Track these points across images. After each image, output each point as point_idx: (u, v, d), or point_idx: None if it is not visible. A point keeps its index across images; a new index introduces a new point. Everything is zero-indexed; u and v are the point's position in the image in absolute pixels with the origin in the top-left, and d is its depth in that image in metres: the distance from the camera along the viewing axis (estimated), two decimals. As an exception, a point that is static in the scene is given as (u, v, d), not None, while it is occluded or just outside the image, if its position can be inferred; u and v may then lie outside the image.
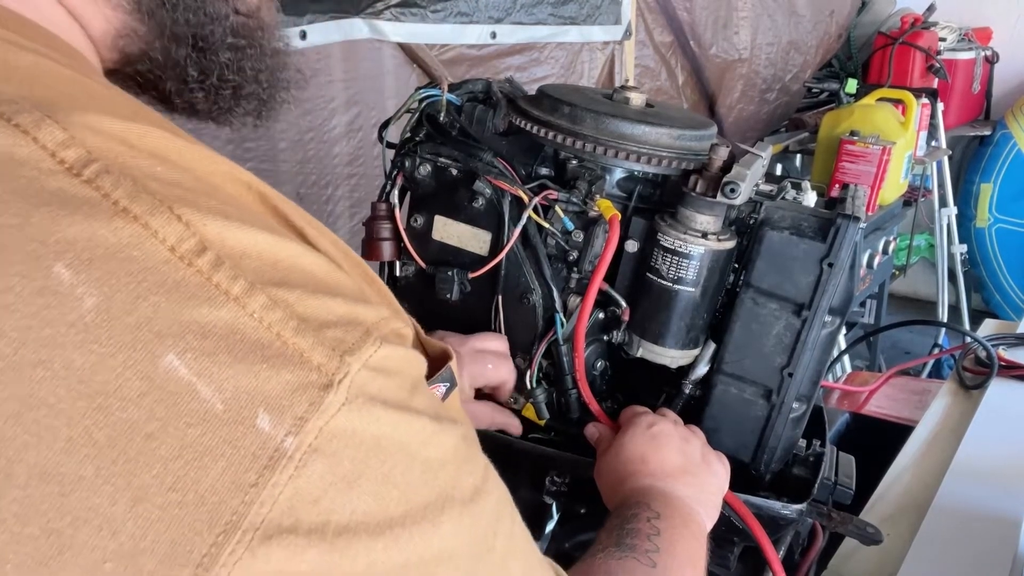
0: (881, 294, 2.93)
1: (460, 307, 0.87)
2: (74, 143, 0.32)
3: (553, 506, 0.99)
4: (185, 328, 0.31)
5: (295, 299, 0.33)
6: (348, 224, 1.79)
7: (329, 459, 0.32)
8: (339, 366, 0.33)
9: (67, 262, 0.30)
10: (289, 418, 0.31)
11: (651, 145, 0.81)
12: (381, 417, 0.34)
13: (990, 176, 3.77)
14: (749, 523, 0.78)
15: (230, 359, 0.31)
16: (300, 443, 0.31)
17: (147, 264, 0.31)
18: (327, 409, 0.32)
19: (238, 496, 0.30)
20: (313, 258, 0.36)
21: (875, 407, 1.48)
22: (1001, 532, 0.97)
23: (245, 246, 0.33)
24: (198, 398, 0.30)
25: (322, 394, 0.32)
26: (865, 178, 0.95)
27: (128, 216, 0.31)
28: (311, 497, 0.31)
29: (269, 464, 0.30)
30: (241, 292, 0.32)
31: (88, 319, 0.29)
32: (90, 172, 0.31)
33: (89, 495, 0.29)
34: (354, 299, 0.36)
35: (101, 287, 0.30)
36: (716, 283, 0.79)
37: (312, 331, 0.33)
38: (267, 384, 0.31)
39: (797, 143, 3.08)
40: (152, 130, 0.35)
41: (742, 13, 3.00)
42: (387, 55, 1.75)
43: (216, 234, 0.32)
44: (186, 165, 0.35)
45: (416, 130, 0.88)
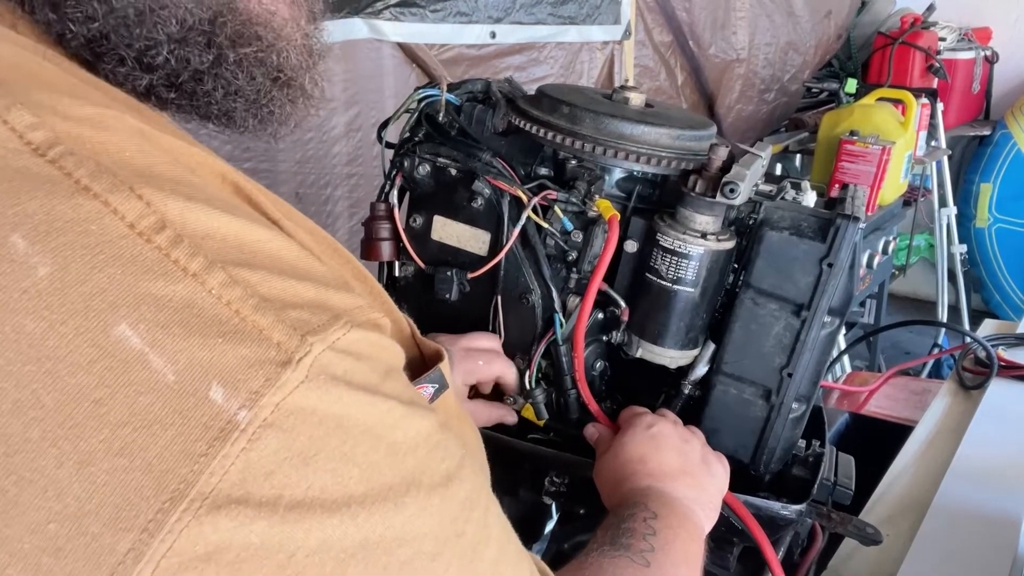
0: (881, 294, 2.92)
1: (459, 307, 0.87)
2: (42, 126, 0.32)
3: (552, 506, 0.99)
4: (139, 300, 0.31)
5: (258, 280, 0.33)
6: (347, 224, 1.79)
7: (285, 434, 0.32)
8: (299, 344, 0.32)
9: (23, 233, 0.30)
10: (244, 392, 0.31)
11: (650, 145, 0.81)
12: (344, 397, 0.34)
13: (990, 176, 3.77)
14: (748, 524, 0.78)
15: (184, 332, 0.31)
16: (254, 417, 0.31)
17: (104, 238, 0.31)
18: (284, 385, 0.32)
19: (187, 465, 0.30)
20: (283, 243, 0.36)
21: (875, 407, 1.48)
22: (1001, 532, 0.96)
23: (208, 227, 0.33)
24: (149, 368, 0.30)
25: (279, 370, 0.32)
26: (865, 178, 0.95)
27: (89, 194, 0.31)
28: (264, 471, 0.31)
29: (220, 436, 0.30)
30: (200, 268, 0.32)
31: (41, 286, 0.30)
32: (55, 153, 0.32)
33: (35, 456, 0.29)
34: (326, 285, 0.36)
35: (56, 257, 0.30)
36: (715, 283, 0.79)
37: (273, 310, 0.33)
38: (222, 358, 0.31)
39: (797, 143, 3.08)
40: (126, 117, 0.35)
41: (740, 13, 3.00)
42: (386, 55, 1.75)
43: (178, 214, 0.32)
44: (161, 147, 0.36)
45: (415, 130, 0.88)
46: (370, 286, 0.44)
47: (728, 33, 2.97)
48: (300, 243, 0.38)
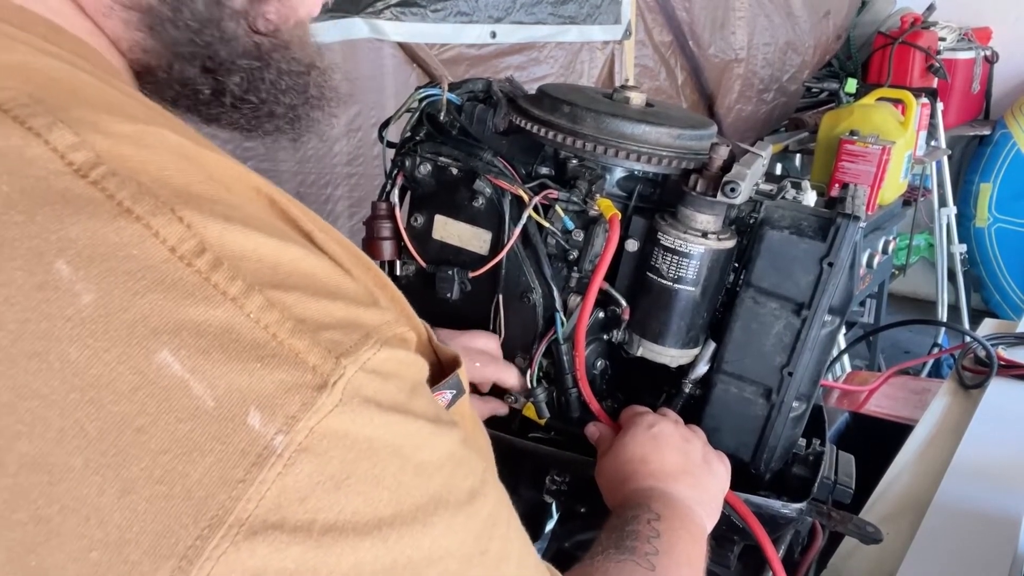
0: (881, 294, 2.93)
1: (460, 306, 0.87)
2: (83, 146, 0.32)
3: (553, 505, 0.99)
4: (181, 326, 0.31)
5: (293, 301, 0.33)
6: (348, 223, 1.79)
7: (318, 458, 0.32)
8: (335, 367, 0.33)
9: (68, 258, 0.30)
10: (280, 417, 0.31)
11: (651, 144, 0.81)
12: (375, 419, 0.34)
13: (989, 176, 3.77)
14: (749, 522, 0.78)
15: (224, 357, 0.31)
16: (290, 442, 0.31)
17: (146, 263, 0.31)
18: (320, 409, 0.32)
19: (225, 491, 0.30)
20: (315, 261, 0.36)
21: (875, 406, 1.48)
22: (1001, 531, 0.97)
23: (245, 249, 0.33)
24: (190, 394, 0.31)
25: (315, 394, 0.32)
26: (865, 178, 0.95)
27: (131, 216, 0.31)
28: (298, 495, 0.32)
29: (258, 461, 0.31)
30: (239, 292, 0.32)
31: (85, 314, 0.30)
32: (96, 174, 0.32)
33: (78, 485, 0.30)
34: (356, 302, 0.36)
35: (99, 283, 0.30)
36: (716, 282, 0.79)
37: (309, 332, 0.33)
38: (260, 383, 0.31)
39: (797, 143, 3.08)
40: (166, 132, 0.36)
41: (739, 13, 3.00)
42: (387, 54, 1.75)
43: (216, 236, 0.33)
44: (202, 165, 0.36)
45: (416, 129, 0.88)
46: (391, 293, 0.44)
47: (727, 33, 2.97)
48: (331, 256, 0.38)
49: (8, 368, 0.29)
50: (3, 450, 0.29)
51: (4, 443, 0.29)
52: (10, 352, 0.29)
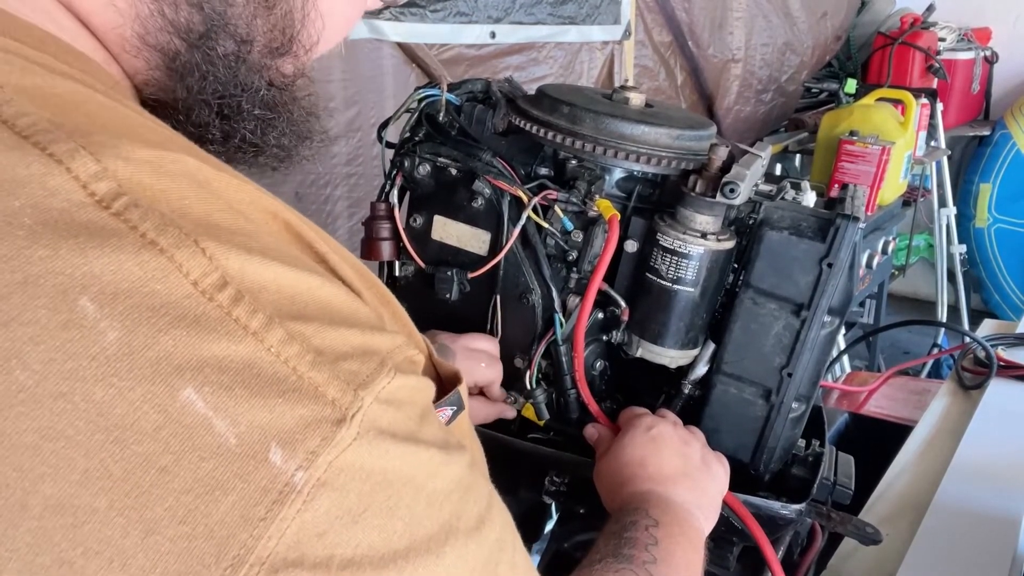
0: (880, 294, 2.93)
1: (459, 307, 0.87)
2: (106, 175, 0.32)
3: (552, 506, 0.99)
4: (204, 362, 0.31)
5: (312, 332, 0.34)
6: (347, 224, 1.79)
7: (336, 493, 0.32)
8: (353, 400, 0.33)
9: (92, 295, 0.30)
10: (301, 452, 0.32)
11: (650, 145, 0.81)
12: (390, 450, 0.34)
13: (989, 176, 3.77)
14: (748, 524, 0.78)
15: (247, 393, 0.31)
16: (309, 477, 0.32)
17: (169, 298, 0.31)
18: (339, 444, 0.32)
19: (247, 530, 0.31)
20: (331, 289, 0.36)
21: (874, 407, 1.48)
22: (1000, 532, 0.97)
23: (265, 280, 0.34)
24: (213, 432, 0.31)
25: (335, 429, 0.32)
26: (864, 178, 0.95)
27: (155, 249, 0.31)
28: (317, 531, 0.32)
29: (279, 498, 0.31)
30: (259, 327, 0.32)
31: (110, 352, 0.30)
32: (119, 205, 0.32)
33: (102, 527, 0.30)
34: (370, 328, 0.37)
35: (123, 321, 0.30)
36: (715, 283, 0.79)
37: (328, 364, 0.33)
38: (281, 419, 0.32)
39: (796, 143, 3.08)
40: (184, 158, 0.36)
41: (737, 14, 3.00)
42: (386, 55, 1.75)
43: (237, 268, 0.33)
44: (219, 191, 0.36)
45: (415, 130, 0.88)
46: (394, 309, 0.44)
47: (725, 33, 2.97)
48: (344, 279, 0.38)
49: (33, 409, 0.29)
50: (28, 492, 0.29)
51: (29, 485, 0.29)
52: (35, 393, 0.29)
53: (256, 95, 0.49)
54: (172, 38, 0.44)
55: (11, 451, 0.29)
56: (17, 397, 0.29)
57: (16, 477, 0.29)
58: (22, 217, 0.31)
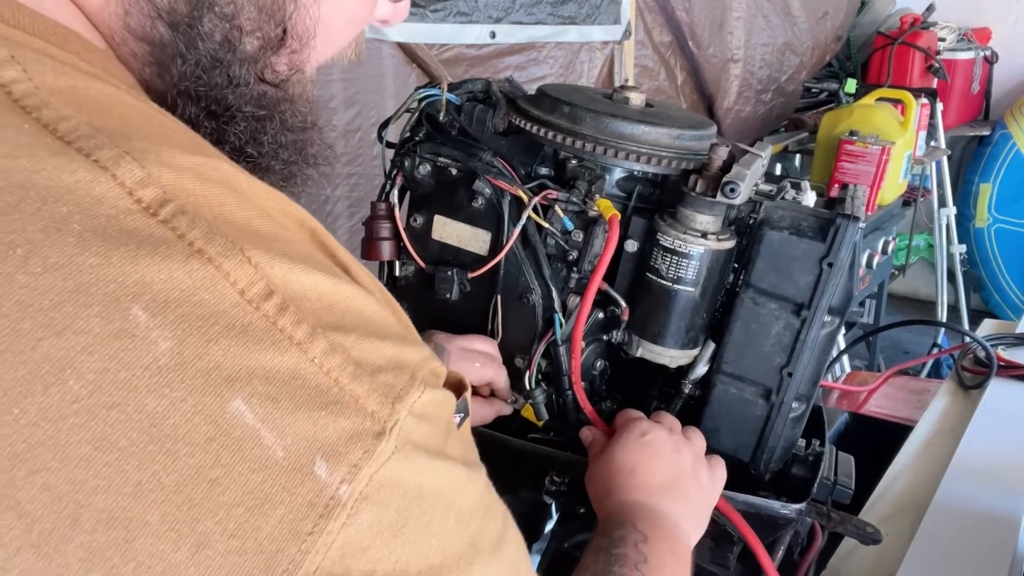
0: (880, 294, 2.93)
1: (460, 307, 0.87)
2: (151, 182, 0.32)
3: (552, 506, 0.99)
4: (252, 373, 0.31)
5: (351, 343, 0.34)
6: (347, 223, 1.79)
7: (377, 507, 0.33)
8: (391, 413, 0.34)
9: (143, 304, 0.30)
10: (345, 466, 0.32)
11: (651, 145, 0.81)
12: (423, 465, 0.35)
13: (989, 176, 3.77)
14: (742, 531, 0.78)
15: (292, 405, 0.32)
16: (353, 491, 0.32)
17: (218, 307, 0.31)
18: (379, 457, 0.33)
19: (295, 544, 0.31)
20: (364, 299, 0.37)
21: (874, 407, 1.48)
22: (1000, 531, 0.97)
23: (307, 288, 0.34)
24: (261, 444, 0.31)
25: (375, 442, 0.33)
26: (864, 178, 0.95)
27: (203, 258, 0.31)
28: (360, 545, 0.32)
29: (325, 512, 0.31)
30: (304, 337, 0.32)
31: (162, 362, 0.30)
32: (166, 212, 0.32)
33: (154, 541, 0.29)
34: (401, 340, 0.37)
35: (175, 330, 0.30)
36: (716, 283, 0.79)
37: (367, 376, 0.34)
38: (325, 431, 0.32)
39: (796, 143, 3.08)
40: (222, 164, 0.36)
41: (736, 14, 3.00)
42: (386, 55, 1.75)
43: (281, 277, 0.33)
44: (255, 199, 0.36)
45: (416, 130, 0.88)
46: (403, 320, 0.43)
47: (725, 33, 2.97)
48: (367, 290, 0.38)
49: (87, 420, 0.29)
50: (81, 506, 0.29)
51: (82, 498, 0.29)
52: (88, 404, 0.29)
53: (244, 89, 0.48)
54: (155, 23, 0.43)
55: (65, 463, 0.29)
56: (71, 408, 0.29)
57: (69, 490, 0.29)
58: (71, 224, 0.30)
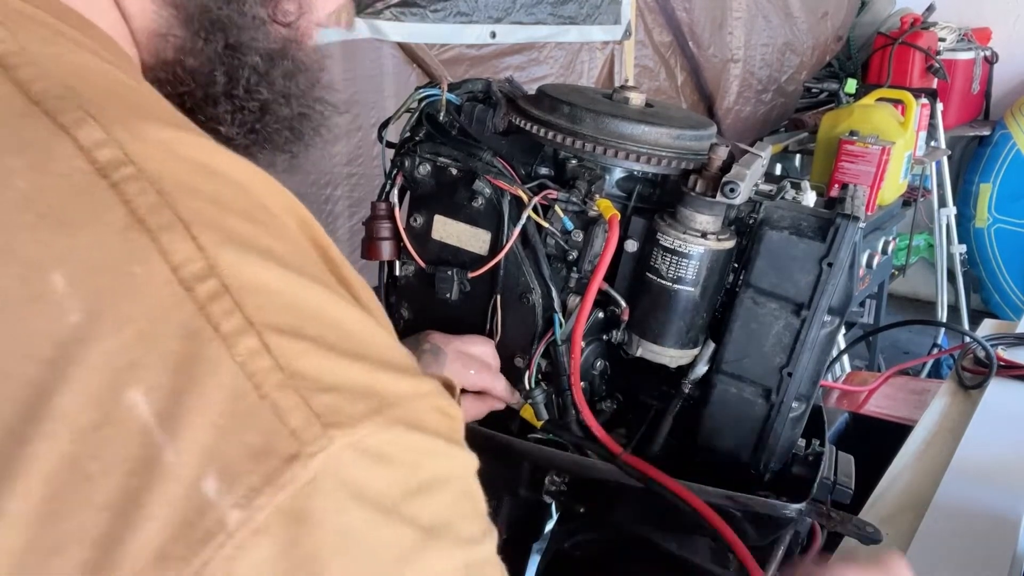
0: (880, 294, 2.93)
1: (460, 307, 0.87)
2: (110, 144, 0.30)
3: (552, 506, 0.99)
4: (160, 362, 0.28)
5: (299, 351, 0.30)
6: (348, 224, 1.79)
7: (279, 547, 0.27)
8: (317, 437, 0.28)
9: (65, 271, 0.28)
10: (240, 487, 0.27)
11: (651, 145, 0.81)
12: (352, 512, 0.29)
13: (989, 176, 3.77)
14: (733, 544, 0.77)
15: (196, 405, 0.28)
16: (246, 519, 0.27)
17: (143, 283, 0.29)
18: (285, 485, 0.28)
19: (158, 571, 0.26)
20: (349, 311, 0.32)
21: (874, 407, 1.48)
22: (1000, 531, 0.97)
23: (262, 282, 0.30)
24: (150, 443, 0.27)
25: (284, 466, 0.28)
26: (864, 178, 0.95)
27: (142, 227, 0.29)
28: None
29: (204, 537, 0.27)
30: (231, 330, 0.29)
31: (65, 335, 0.28)
32: (119, 176, 0.30)
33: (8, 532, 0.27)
34: (386, 367, 0.32)
35: (89, 303, 0.28)
36: (715, 283, 0.79)
37: (299, 391, 0.29)
38: (226, 442, 0.28)
39: (796, 143, 3.08)
40: (205, 141, 0.34)
41: (737, 14, 3.00)
42: (387, 55, 1.75)
43: (231, 263, 0.30)
44: (237, 180, 0.34)
45: (416, 130, 0.88)
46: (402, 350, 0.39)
47: (725, 33, 2.98)
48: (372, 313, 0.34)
49: None
50: None
51: None
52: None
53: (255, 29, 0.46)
54: None
55: None
56: None
57: None
58: (16, 180, 0.29)
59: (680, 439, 0.85)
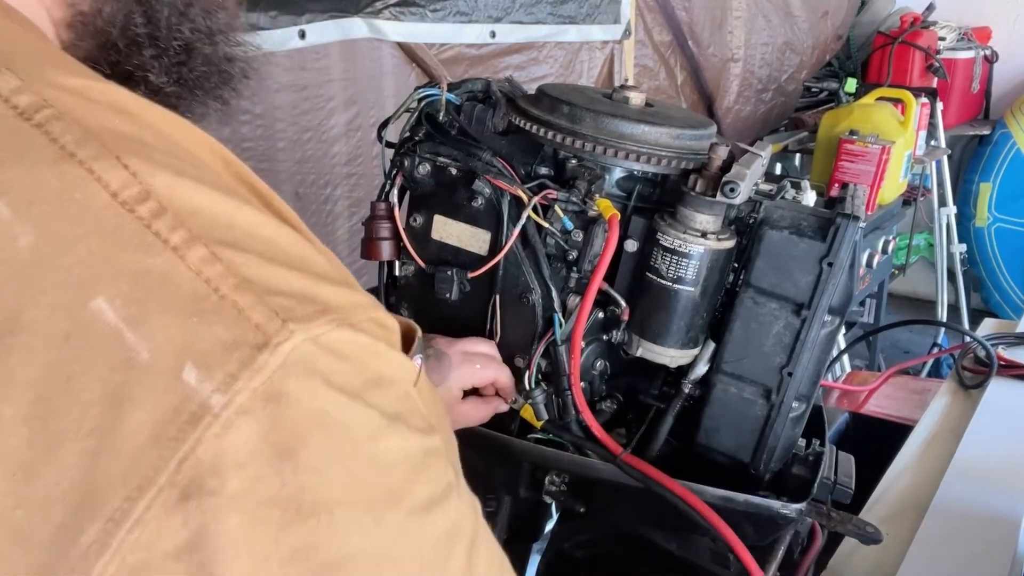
0: (880, 293, 2.93)
1: (460, 306, 0.87)
2: (28, 90, 0.32)
3: (552, 506, 0.99)
4: (119, 273, 0.30)
5: (243, 261, 0.32)
6: (347, 224, 1.79)
7: (261, 425, 0.30)
8: (279, 329, 0.31)
9: (7, 201, 0.30)
10: (219, 375, 0.29)
11: (651, 144, 0.81)
12: (323, 394, 0.31)
13: (989, 175, 3.77)
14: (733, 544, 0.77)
15: (160, 308, 0.30)
16: (229, 402, 0.29)
17: (87, 207, 0.30)
18: (261, 369, 0.30)
19: (156, 450, 0.29)
20: (281, 230, 0.34)
21: (874, 407, 1.48)
22: (1000, 532, 0.97)
23: (197, 204, 0.32)
24: (123, 345, 0.29)
25: (255, 353, 0.30)
26: (864, 177, 0.95)
27: (74, 160, 0.31)
28: (237, 461, 0.29)
29: (192, 420, 0.29)
30: (180, 242, 0.31)
31: (23, 257, 0.29)
32: (41, 117, 0.31)
33: (7, 436, 0.28)
34: (322, 278, 0.34)
35: (38, 227, 0.30)
36: (715, 282, 0.79)
37: (255, 292, 0.31)
38: (197, 337, 0.30)
39: (796, 142, 3.08)
40: (115, 87, 0.35)
41: (736, 13, 3.00)
42: (386, 54, 1.75)
43: (164, 186, 0.32)
44: (150, 122, 0.35)
45: (415, 129, 0.88)
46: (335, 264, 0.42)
47: (725, 33, 2.97)
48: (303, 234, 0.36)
49: None
50: None
51: None
52: None
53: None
54: None
55: None
56: None
57: None
58: None
59: (680, 439, 0.85)
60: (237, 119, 1.49)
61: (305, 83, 1.60)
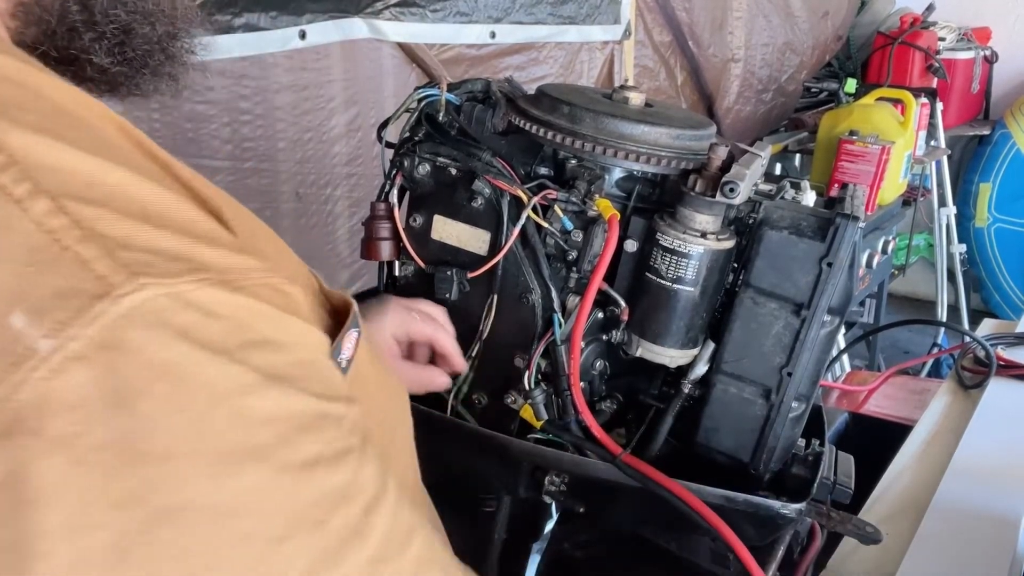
0: (880, 293, 2.93)
1: (459, 306, 0.87)
2: None
3: (552, 506, 0.99)
4: None
5: (96, 216, 0.31)
6: (347, 224, 1.79)
7: (96, 370, 0.30)
8: (125, 280, 0.30)
9: None
10: (48, 321, 0.29)
11: (650, 145, 0.81)
12: (175, 347, 0.31)
13: (989, 176, 3.77)
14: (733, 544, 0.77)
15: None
16: (59, 347, 0.29)
17: None
18: (96, 318, 0.30)
19: None
20: (152, 188, 0.34)
21: (874, 407, 1.48)
22: (1000, 532, 0.97)
23: (55, 160, 0.32)
24: None
25: (93, 302, 0.30)
26: (864, 177, 0.95)
27: None
28: (66, 404, 0.29)
29: (15, 361, 0.29)
30: (24, 194, 0.30)
31: None
32: None
33: None
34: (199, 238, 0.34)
35: None
36: (715, 283, 0.79)
37: (102, 246, 0.31)
38: (30, 285, 0.30)
39: (796, 143, 3.08)
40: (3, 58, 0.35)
41: (737, 14, 3.00)
42: (386, 55, 1.75)
43: (20, 144, 0.31)
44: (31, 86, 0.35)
45: (415, 130, 0.88)
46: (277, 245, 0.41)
47: (725, 33, 2.98)
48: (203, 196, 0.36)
49: None
50: None
51: None
52: None
53: None
54: None
55: None
56: None
57: None
58: None
59: (680, 439, 0.85)
60: (238, 120, 1.49)
61: (305, 83, 1.60)
